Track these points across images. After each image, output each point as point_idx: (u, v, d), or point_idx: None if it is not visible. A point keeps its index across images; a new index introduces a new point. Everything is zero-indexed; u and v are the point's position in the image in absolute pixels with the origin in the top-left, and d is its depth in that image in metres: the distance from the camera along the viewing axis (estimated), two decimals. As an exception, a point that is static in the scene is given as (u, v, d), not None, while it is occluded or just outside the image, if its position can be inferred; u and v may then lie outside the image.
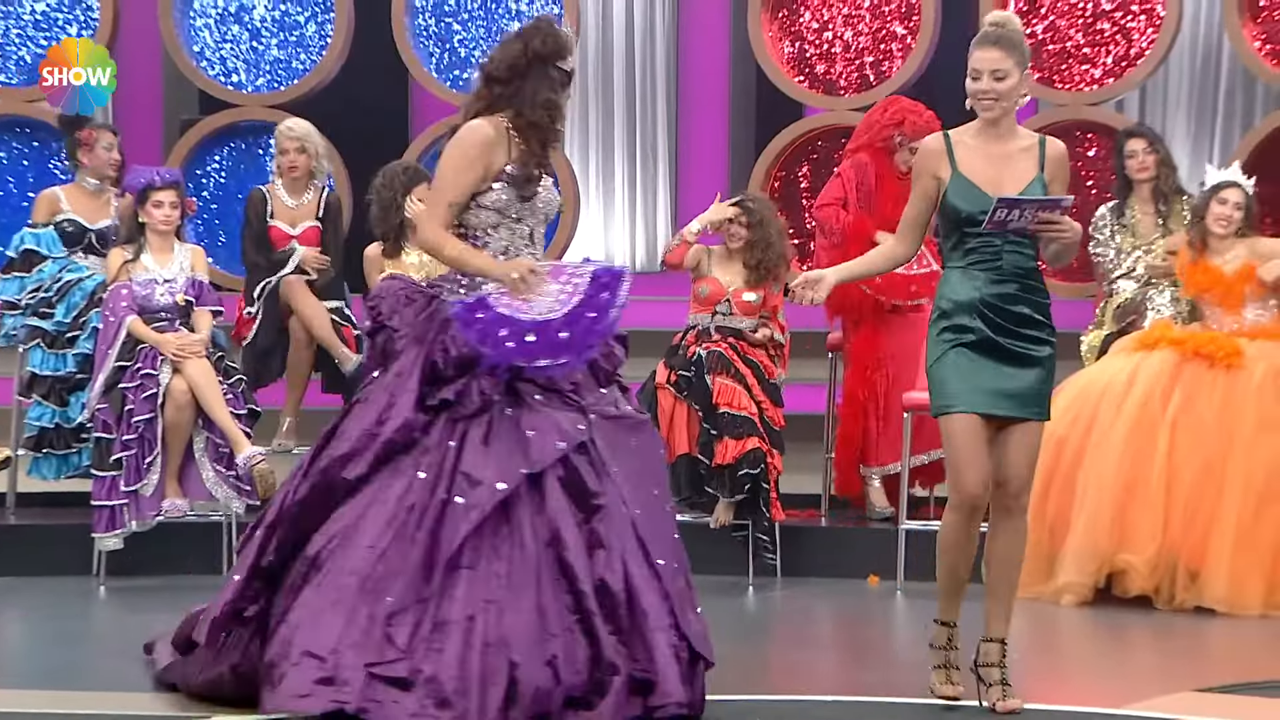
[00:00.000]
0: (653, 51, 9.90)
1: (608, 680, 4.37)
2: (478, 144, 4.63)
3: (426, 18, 9.16)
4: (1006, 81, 4.70)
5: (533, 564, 4.42)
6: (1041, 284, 4.79)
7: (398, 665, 4.33)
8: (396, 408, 4.54)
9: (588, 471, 4.51)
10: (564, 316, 4.55)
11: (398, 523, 4.46)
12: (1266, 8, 8.47)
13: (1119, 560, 6.63)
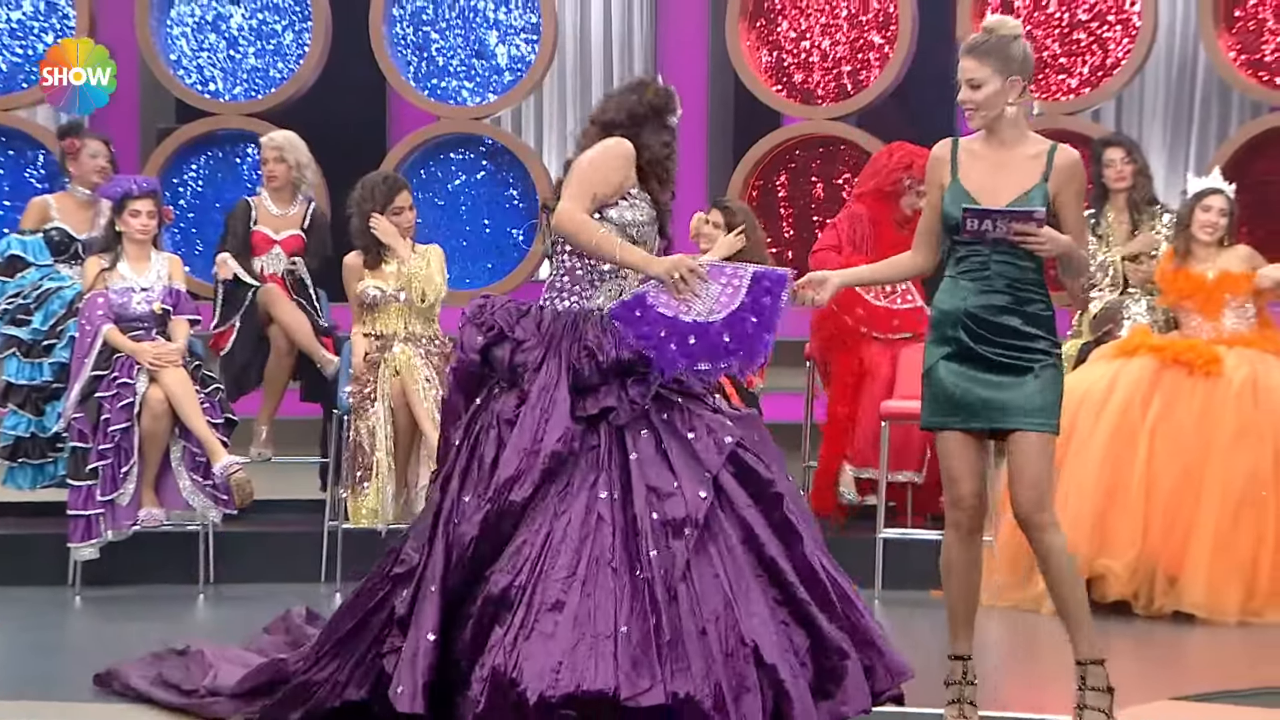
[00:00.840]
0: (631, 61, 9.91)
1: (840, 665, 4.31)
2: (625, 155, 4.61)
3: (404, 27, 9.15)
4: (984, 90, 4.65)
5: (744, 564, 4.36)
6: (1040, 295, 4.66)
7: (653, 692, 4.20)
8: (552, 421, 4.43)
9: (756, 462, 4.47)
10: (725, 319, 4.45)
11: (591, 546, 4.33)
12: (1241, 18, 8.51)
13: (1098, 565, 6.64)
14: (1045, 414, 4.67)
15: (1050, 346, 4.68)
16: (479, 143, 9.18)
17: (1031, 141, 4.71)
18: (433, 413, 7.11)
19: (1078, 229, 4.69)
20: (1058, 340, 4.73)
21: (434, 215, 8.99)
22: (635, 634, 4.22)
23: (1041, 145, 4.70)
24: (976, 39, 4.72)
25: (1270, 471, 6.63)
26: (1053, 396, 4.66)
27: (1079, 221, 4.70)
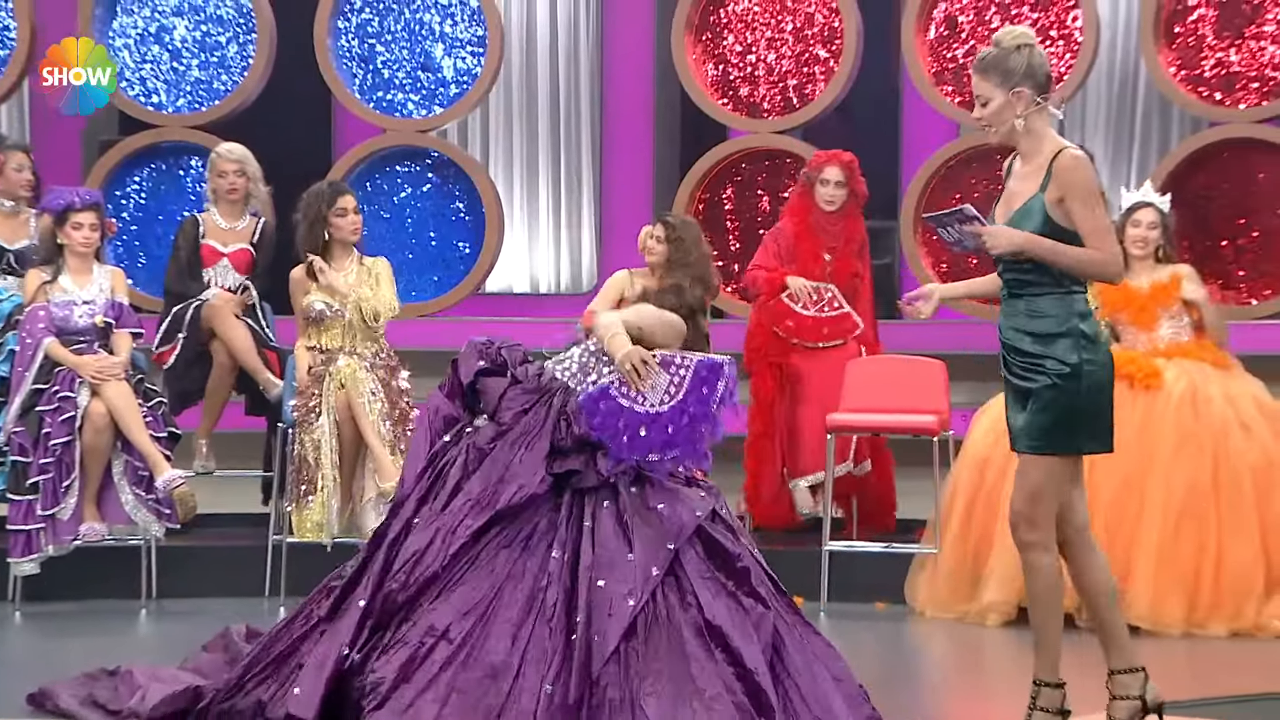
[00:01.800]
0: (577, 74, 9.91)
1: None
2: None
3: (350, 39, 9.12)
4: (990, 105, 4.63)
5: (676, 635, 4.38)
6: (1054, 311, 4.58)
7: None
8: (526, 461, 4.53)
9: (723, 536, 4.52)
10: (669, 411, 4.58)
11: (537, 605, 4.39)
12: (1181, 34, 8.59)
13: (1041, 580, 6.67)
14: (1037, 435, 4.61)
15: (1049, 365, 4.58)
16: (425, 155, 9.17)
17: (1045, 151, 4.61)
18: (378, 426, 7.08)
19: (1088, 229, 4.56)
20: (1066, 359, 4.57)
21: (380, 228, 8.97)
22: (558, 695, 4.28)
23: (1050, 153, 4.61)
24: (980, 54, 4.71)
25: (1210, 482, 6.68)
26: (1044, 417, 4.58)
27: (1088, 221, 4.56)
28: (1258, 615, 6.60)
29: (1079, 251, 4.57)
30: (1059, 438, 4.60)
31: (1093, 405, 4.61)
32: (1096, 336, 4.63)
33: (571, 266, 10.02)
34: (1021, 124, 4.61)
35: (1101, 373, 4.63)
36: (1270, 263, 8.47)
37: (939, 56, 8.85)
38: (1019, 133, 4.63)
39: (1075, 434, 4.61)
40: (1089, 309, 4.65)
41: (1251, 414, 6.81)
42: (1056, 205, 4.58)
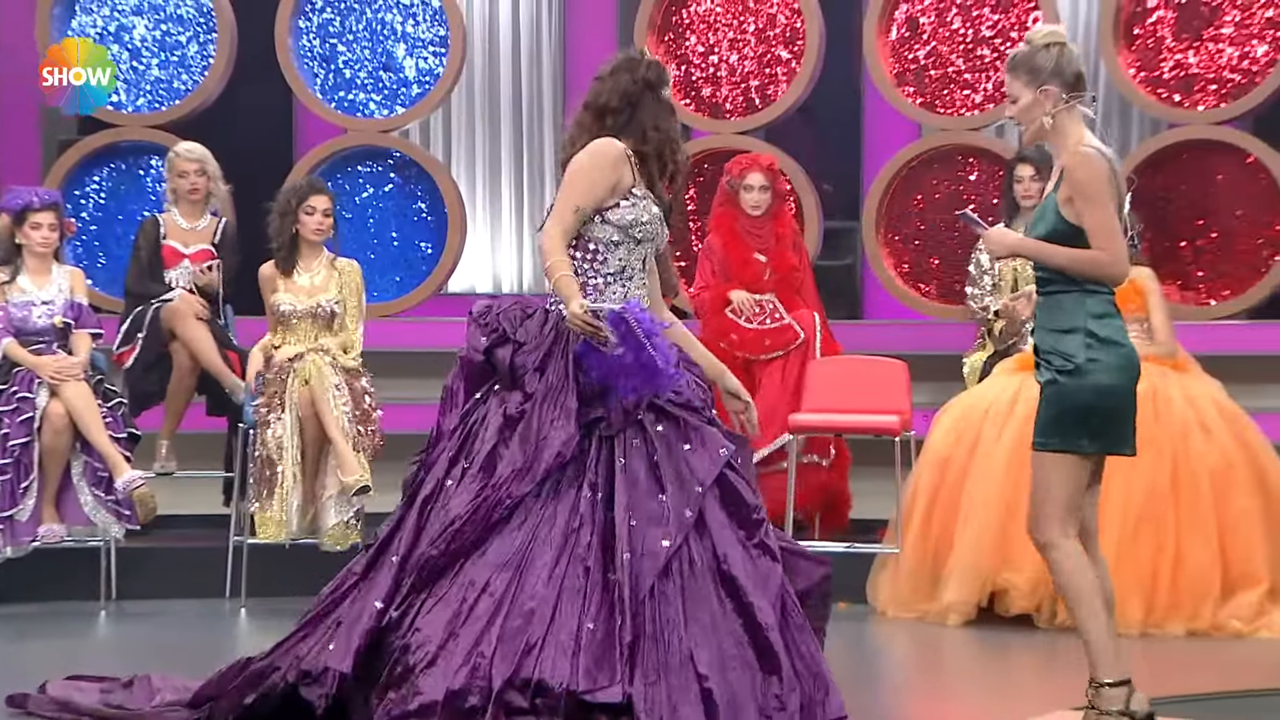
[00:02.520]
0: (539, 74, 9.91)
1: (786, 697, 4.29)
2: (611, 157, 4.57)
3: (311, 39, 9.09)
4: (1020, 103, 4.62)
5: (704, 581, 4.35)
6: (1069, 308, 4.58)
7: (611, 690, 4.23)
8: (559, 424, 4.45)
9: (741, 485, 4.47)
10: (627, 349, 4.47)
11: (572, 545, 4.37)
12: (1141, 36, 8.63)
13: (1001, 580, 6.70)
14: (1045, 431, 4.61)
15: (1059, 361, 4.57)
16: (387, 155, 9.14)
17: (1069, 149, 4.58)
18: (342, 422, 7.07)
19: (1091, 227, 4.54)
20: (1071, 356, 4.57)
21: (342, 228, 8.87)
22: (600, 632, 4.26)
23: (1069, 154, 4.58)
24: (1011, 53, 4.70)
25: (1169, 484, 6.72)
26: (1050, 412, 4.58)
27: (1094, 221, 4.53)
28: (1214, 616, 6.64)
29: (1074, 253, 4.55)
30: (1059, 435, 4.59)
31: (1096, 404, 4.56)
32: (1110, 338, 4.58)
33: (534, 266, 10.01)
34: (1050, 122, 4.59)
35: (1108, 374, 4.57)
36: (1229, 264, 8.52)
37: (900, 58, 8.88)
38: (1048, 131, 4.61)
39: (1077, 432, 4.58)
40: (1108, 309, 4.61)
41: (1211, 415, 6.85)
42: (1067, 204, 4.56)
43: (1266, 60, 8.43)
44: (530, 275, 10.03)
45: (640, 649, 4.27)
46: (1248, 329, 8.44)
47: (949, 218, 8.80)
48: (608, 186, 4.56)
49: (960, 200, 8.80)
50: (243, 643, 6.84)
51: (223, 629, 6.96)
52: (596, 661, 4.24)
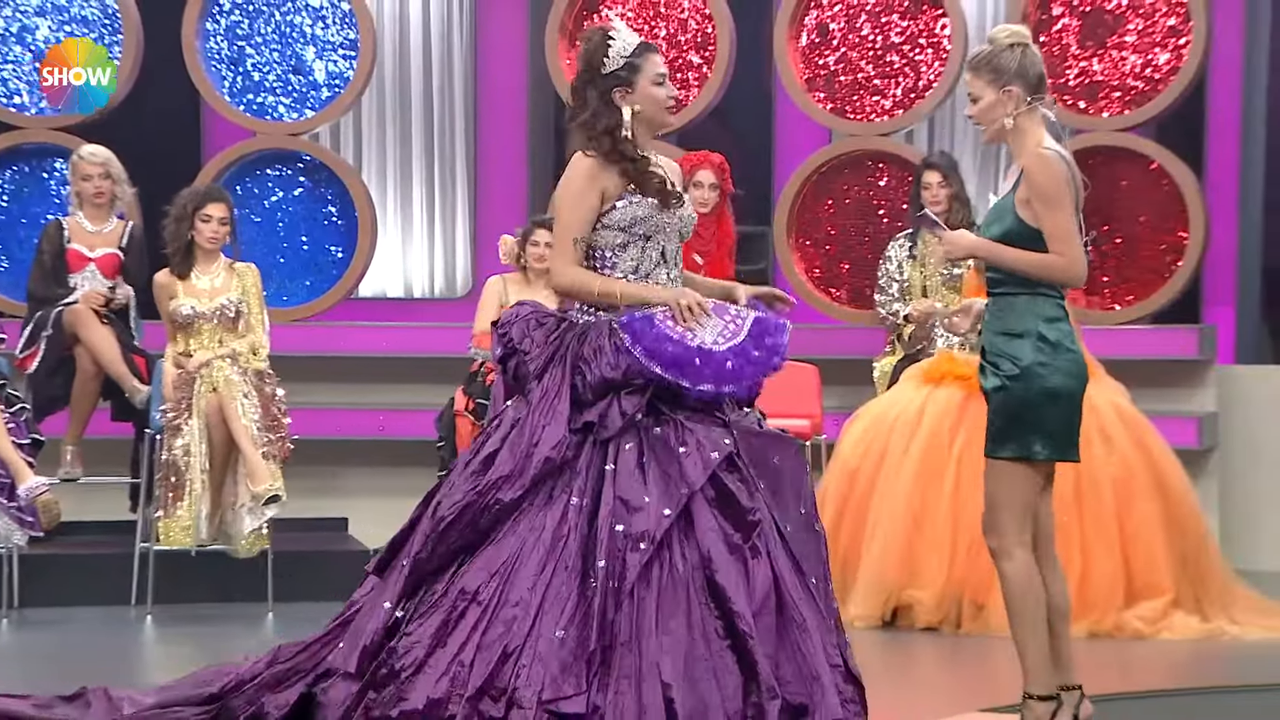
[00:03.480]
0: (450, 78, 9.87)
1: (766, 705, 4.20)
2: (581, 175, 4.53)
3: (219, 41, 9.02)
4: (980, 103, 4.59)
5: (683, 588, 4.28)
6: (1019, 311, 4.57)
7: (575, 700, 4.19)
8: (549, 428, 4.40)
9: (739, 488, 4.37)
10: (730, 349, 4.41)
11: (558, 553, 4.32)
12: (1046, 43, 8.72)
13: (906, 596, 6.72)
14: (988, 437, 4.59)
15: (1004, 365, 4.56)
16: (296, 159, 9.09)
17: (1029, 151, 4.56)
18: (251, 430, 7.02)
19: (1049, 231, 4.53)
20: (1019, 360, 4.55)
21: (250, 232, 8.87)
22: (571, 640, 4.23)
23: (1030, 153, 4.57)
24: (973, 52, 4.67)
25: (1072, 494, 6.76)
26: (998, 420, 4.56)
27: (1052, 224, 4.52)
28: (1117, 618, 6.71)
29: (1033, 256, 4.52)
30: (1009, 440, 4.55)
31: (1044, 409, 4.55)
32: (1060, 342, 4.56)
33: (446, 270, 9.97)
34: (1011, 123, 4.56)
35: (1056, 377, 4.55)
36: (1133, 268, 8.63)
37: (811, 63, 8.93)
38: (1008, 131, 4.59)
39: (1027, 438, 4.55)
40: (1059, 313, 4.59)
41: (1113, 422, 6.90)
42: (1025, 205, 4.53)
43: (1169, 68, 8.54)
44: (441, 279, 9.99)
45: (612, 658, 4.23)
46: (1152, 333, 8.55)
47: (859, 222, 8.86)
48: (592, 207, 4.52)
49: (870, 205, 8.86)
50: (148, 650, 6.80)
51: (128, 636, 6.90)
52: (563, 670, 4.21)
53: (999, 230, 4.58)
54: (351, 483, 8.75)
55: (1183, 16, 8.51)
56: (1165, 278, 8.54)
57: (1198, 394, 8.52)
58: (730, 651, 4.23)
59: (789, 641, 4.28)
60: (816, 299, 8.85)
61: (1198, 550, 6.86)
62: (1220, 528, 8.23)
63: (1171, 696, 5.81)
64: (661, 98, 4.54)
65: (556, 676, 4.19)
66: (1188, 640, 6.65)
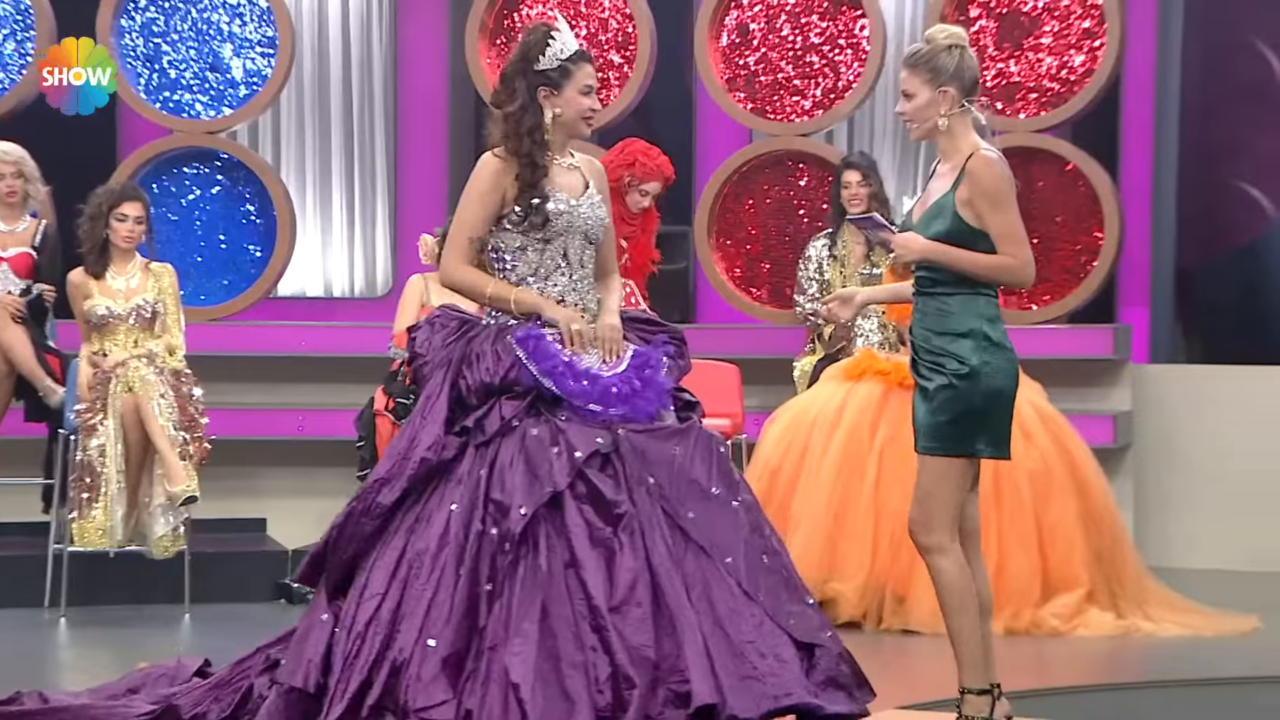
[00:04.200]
0: (370, 76, 9.82)
1: (624, 695, 4.21)
2: (487, 176, 4.55)
3: (134, 38, 8.93)
4: (914, 101, 4.58)
5: (546, 587, 4.30)
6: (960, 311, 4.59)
7: (444, 708, 4.22)
8: (426, 430, 4.44)
9: (606, 484, 4.39)
10: (614, 376, 4.50)
11: (442, 560, 4.34)
12: (966, 44, 8.79)
13: (829, 589, 6.76)
14: (933, 435, 4.60)
15: (950, 363, 4.56)
16: (214, 157, 9.02)
17: (963, 151, 4.60)
18: (168, 429, 6.98)
19: (998, 233, 4.55)
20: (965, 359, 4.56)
21: (167, 230, 8.80)
22: (444, 647, 4.26)
23: (966, 153, 4.59)
24: (911, 49, 4.67)
25: (991, 491, 6.83)
26: (942, 417, 4.57)
27: (997, 224, 4.55)
28: (1033, 615, 6.78)
29: (985, 259, 4.55)
30: (954, 439, 4.58)
31: (989, 408, 4.57)
32: (1000, 340, 4.60)
33: (366, 270, 9.93)
34: (944, 123, 4.58)
35: (1000, 377, 4.58)
36: (1050, 269, 8.71)
37: (731, 63, 8.96)
38: (940, 132, 4.61)
39: (971, 436, 4.58)
40: (997, 313, 4.62)
41: (1031, 420, 6.97)
42: (966, 205, 4.55)
43: (1084, 70, 8.64)
44: (362, 279, 9.95)
45: (482, 662, 4.26)
46: (1068, 333, 8.64)
47: (780, 222, 8.90)
48: (493, 207, 4.55)
49: (790, 205, 8.90)
50: (63, 652, 6.74)
51: (42, 638, 6.85)
52: (434, 678, 4.23)
53: (940, 229, 4.59)
54: (270, 483, 8.70)
55: (1097, 19, 8.60)
56: (1081, 278, 8.63)
57: (1113, 393, 8.62)
58: (600, 645, 4.26)
59: (670, 630, 4.28)
60: (737, 299, 8.88)
61: (1113, 546, 6.94)
62: (1134, 525, 8.34)
63: (1088, 693, 5.87)
64: (584, 107, 4.58)
65: (428, 684, 4.22)
66: (1104, 637, 6.73)
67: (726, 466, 4.53)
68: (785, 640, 4.34)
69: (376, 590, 4.35)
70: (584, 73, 4.55)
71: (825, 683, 4.35)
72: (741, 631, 4.31)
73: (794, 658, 4.32)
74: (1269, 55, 9.39)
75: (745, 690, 4.24)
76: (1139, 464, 8.69)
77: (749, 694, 4.24)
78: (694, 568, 4.37)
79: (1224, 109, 9.39)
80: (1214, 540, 8.64)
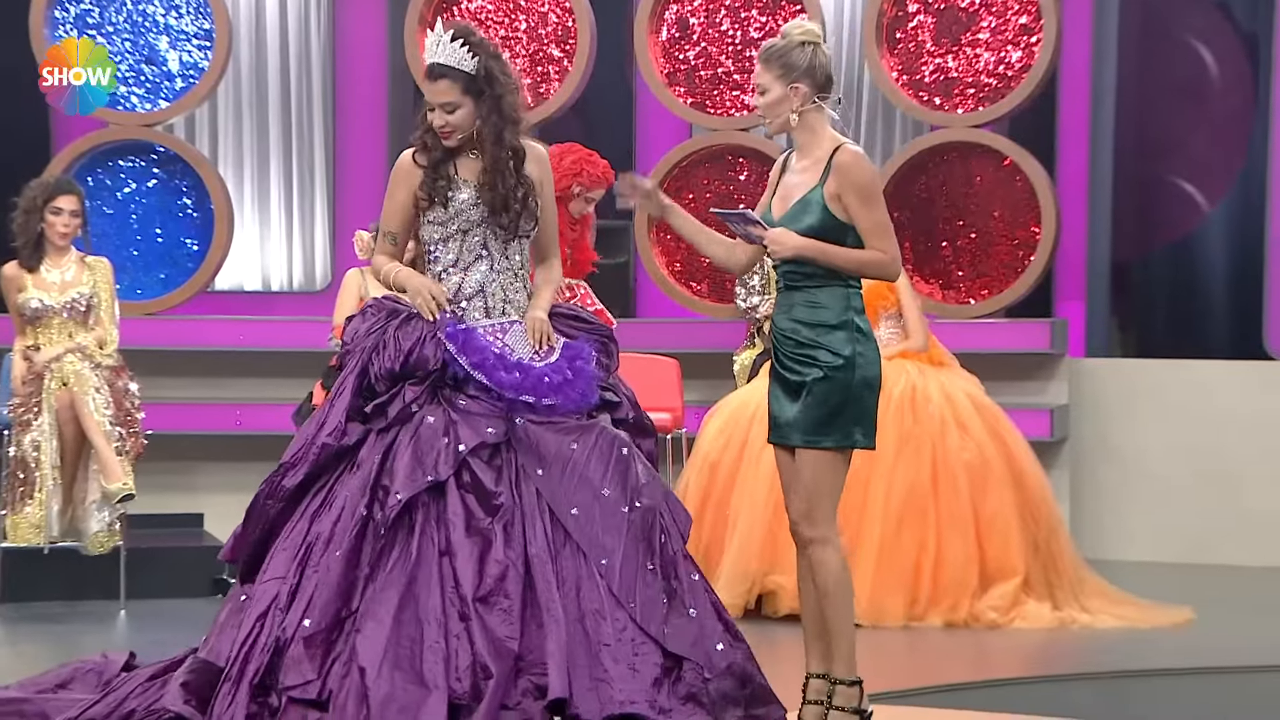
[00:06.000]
0: (308, 69, 9.78)
1: (480, 685, 4.25)
2: (395, 172, 4.69)
3: (68, 30, 8.85)
4: (767, 96, 4.59)
5: (413, 571, 4.36)
6: (831, 303, 4.59)
7: (308, 688, 4.28)
8: (330, 414, 4.52)
9: (487, 474, 4.43)
10: (545, 366, 4.54)
11: (333, 544, 4.41)
12: (902, 39, 8.84)
13: (769, 582, 6.80)
14: (813, 429, 4.60)
15: (825, 356, 4.57)
16: (150, 150, 8.95)
17: (825, 146, 4.61)
18: (104, 425, 6.94)
19: (867, 227, 4.57)
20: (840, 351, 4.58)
21: (103, 224, 8.73)
22: (311, 627, 4.33)
23: (828, 149, 4.60)
24: (766, 44, 4.67)
25: (929, 482, 6.89)
26: (820, 411, 4.58)
27: (867, 219, 4.56)
28: (972, 607, 6.84)
29: (858, 254, 4.57)
30: (833, 430, 4.59)
31: (864, 397, 4.59)
32: (868, 331, 4.63)
33: (304, 264, 9.88)
34: (796, 119, 4.58)
35: (873, 367, 4.61)
36: (987, 263, 8.77)
37: (671, 58, 8.97)
38: (794, 127, 4.62)
39: (848, 427, 4.60)
40: (862, 304, 4.64)
41: (968, 412, 7.04)
42: (835, 200, 4.56)
43: (1021, 66, 8.70)
44: (300, 273, 9.91)
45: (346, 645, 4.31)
46: (1005, 327, 8.70)
47: (720, 218, 8.90)
48: (403, 203, 4.64)
49: (730, 200, 8.91)
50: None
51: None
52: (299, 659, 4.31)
53: (808, 224, 4.59)
54: (207, 478, 8.66)
55: (1034, 15, 8.67)
56: (1018, 272, 8.70)
57: (1049, 386, 8.70)
58: (465, 633, 4.31)
59: (538, 623, 4.33)
60: (677, 293, 8.90)
61: (1049, 537, 7.01)
62: (1070, 518, 8.41)
63: (1026, 684, 5.92)
64: (433, 122, 4.63)
65: (298, 663, 4.30)
66: (1041, 629, 6.79)
67: (625, 468, 4.52)
68: (651, 649, 4.36)
69: (278, 573, 4.43)
70: (428, 89, 4.65)
71: (686, 698, 4.35)
72: (601, 634, 4.35)
73: (653, 669, 4.34)
74: (1203, 53, 9.49)
75: (593, 692, 4.29)
76: (1075, 457, 8.78)
77: (596, 696, 4.29)
78: (568, 564, 4.42)
79: (1159, 106, 9.49)
80: (1149, 533, 8.73)
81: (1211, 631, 6.84)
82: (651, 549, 4.46)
